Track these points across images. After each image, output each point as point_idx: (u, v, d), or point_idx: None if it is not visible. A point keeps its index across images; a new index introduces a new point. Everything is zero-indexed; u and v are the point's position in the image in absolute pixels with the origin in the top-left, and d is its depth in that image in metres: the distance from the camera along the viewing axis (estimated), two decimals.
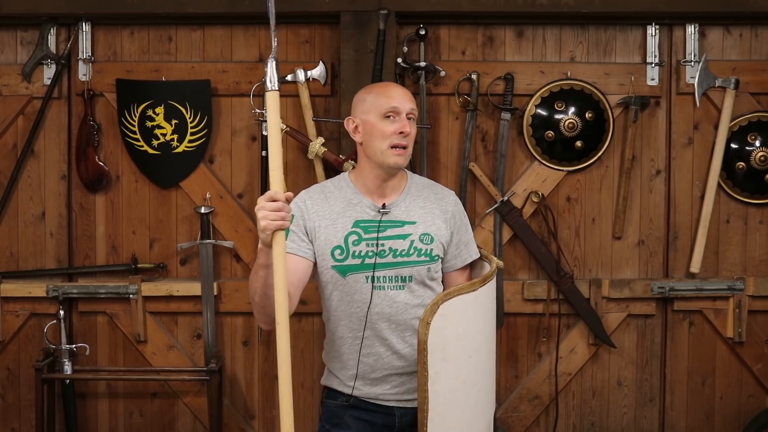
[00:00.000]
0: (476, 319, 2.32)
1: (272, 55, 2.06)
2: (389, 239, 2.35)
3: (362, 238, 2.34)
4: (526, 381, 3.77)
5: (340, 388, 2.44)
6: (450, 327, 2.21)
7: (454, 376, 2.24)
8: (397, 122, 2.33)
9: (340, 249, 2.34)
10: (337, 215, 2.37)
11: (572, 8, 3.55)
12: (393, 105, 2.33)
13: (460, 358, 2.26)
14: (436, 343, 2.18)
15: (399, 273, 2.35)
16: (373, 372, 2.38)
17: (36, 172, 3.75)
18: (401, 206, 2.40)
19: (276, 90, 2.04)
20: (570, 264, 3.74)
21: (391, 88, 2.41)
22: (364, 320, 2.35)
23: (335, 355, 2.44)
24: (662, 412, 3.80)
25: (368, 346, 2.37)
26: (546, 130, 3.68)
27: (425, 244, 2.37)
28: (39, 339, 3.69)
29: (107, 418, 3.79)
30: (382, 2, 3.51)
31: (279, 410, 2.06)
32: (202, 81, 3.67)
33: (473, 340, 2.31)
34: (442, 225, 2.42)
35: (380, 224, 2.36)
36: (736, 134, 3.70)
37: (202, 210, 3.66)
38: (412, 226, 2.38)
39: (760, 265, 3.77)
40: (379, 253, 2.33)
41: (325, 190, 2.43)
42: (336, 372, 2.45)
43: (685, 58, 3.68)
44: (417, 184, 2.48)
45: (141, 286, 3.66)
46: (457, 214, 2.47)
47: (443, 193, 2.50)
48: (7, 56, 3.73)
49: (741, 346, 3.74)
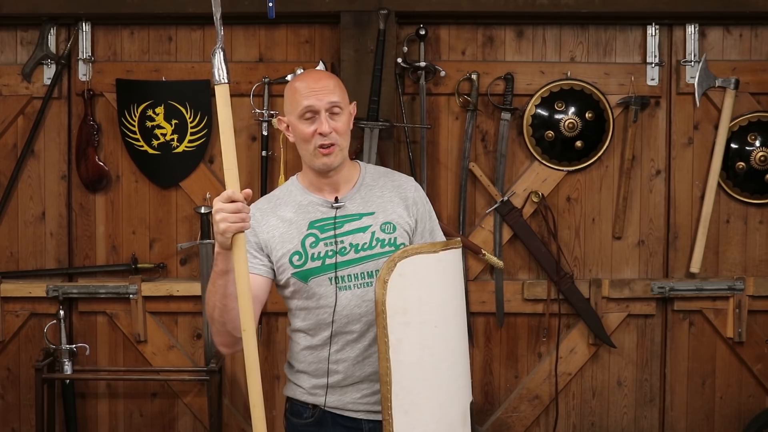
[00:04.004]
0: (440, 285, 2.12)
1: (218, 46, 1.94)
2: (348, 234, 2.16)
3: (319, 239, 2.16)
4: (526, 381, 3.77)
5: (303, 398, 2.23)
6: (411, 289, 2.03)
7: (419, 346, 2.04)
8: (316, 123, 2.12)
9: (298, 254, 2.15)
10: (290, 222, 2.18)
11: (572, 8, 3.55)
12: (305, 104, 2.12)
13: (425, 326, 2.05)
14: (396, 306, 1.99)
15: (364, 268, 2.15)
16: (344, 379, 2.18)
17: (36, 172, 3.75)
18: (356, 198, 2.21)
19: (225, 83, 1.92)
20: (570, 264, 3.74)
21: (308, 81, 2.16)
22: (331, 326, 2.15)
23: (303, 367, 2.23)
24: (662, 412, 3.80)
25: (338, 351, 2.17)
26: (546, 130, 3.68)
27: (387, 234, 2.18)
28: (39, 339, 3.68)
29: (107, 418, 3.79)
30: (382, 2, 3.51)
31: (252, 421, 2.00)
32: (202, 81, 3.67)
33: (439, 310, 2.10)
34: (404, 212, 2.22)
35: (336, 220, 2.17)
36: (736, 134, 3.70)
37: (202, 210, 3.66)
38: (371, 217, 2.19)
39: (760, 265, 3.77)
40: (339, 251, 2.15)
41: (273, 199, 2.26)
42: (301, 383, 2.23)
43: (685, 58, 3.68)
44: (371, 173, 2.29)
45: (141, 286, 3.66)
46: (419, 200, 2.27)
47: (401, 180, 2.30)
48: (7, 56, 3.73)
49: (741, 346, 3.74)
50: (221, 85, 1.92)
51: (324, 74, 2.28)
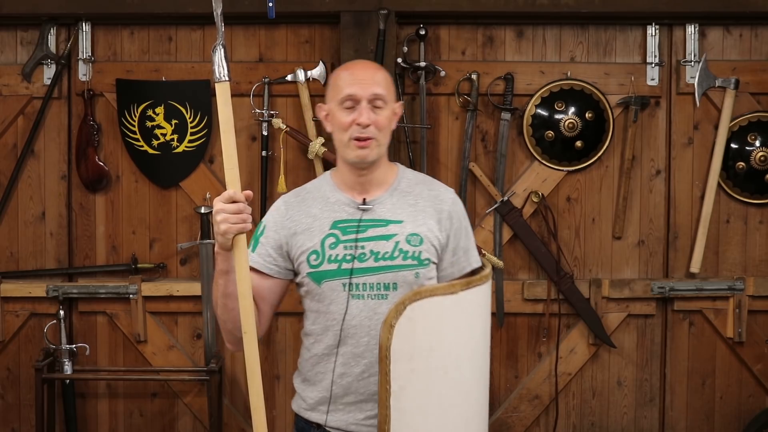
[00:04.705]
0: (456, 329, 1.97)
1: (219, 43, 1.87)
2: (370, 240, 2.04)
3: (340, 240, 2.04)
4: (526, 381, 3.77)
5: (307, 415, 2.12)
6: (421, 334, 1.89)
7: (424, 394, 1.89)
8: (355, 112, 2.02)
9: (316, 254, 2.05)
10: (314, 218, 2.08)
11: (572, 8, 3.55)
12: (348, 92, 2.02)
13: (434, 373, 1.91)
14: (401, 351, 1.85)
15: (381, 279, 2.02)
16: (346, 395, 2.06)
17: (36, 172, 3.75)
18: (386, 203, 2.09)
19: (226, 81, 1.86)
20: (570, 264, 3.74)
21: (354, 69, 2.08)
22: (339, 335, 2.04)
23: (307, 376, 2.14)
24: (662, 412, 3.80)
25: (343, 364, 2.05)
26: (546, 130, 3.67)
27: (413, 246, 2.04)
28: (39, 339, 3.68)
29: (107, 418, 3.79)
30: (382, 2, 3.51)
31: (253, 422, 1.98)
32: (202, 81, 3.67)
33: (452, 355, 1.95)
34: (435, 226, 2.08)
35: (360, 223, 2.05)
36: (736, 134, 3.70)
37: (202, 210, 3.66)
38: (398, 226, 2.05)
39: (760, 265, 3.76)
40: (358, 257, 2.02)
41: (302, 193, 2.16)
42: (306, 395, 2.13)
43: (685, 58, 3.68)
44: (409, 179, 2.15)
45: (141, 286, 3.66)
46: (455, 215, 2.12)
47: (439, 190, 2.15)
48: (7, 56, 3.73)
49: (741, 346, 3.74)
50: (222, 83, 1.87)
51: (372, 65, 2.15)
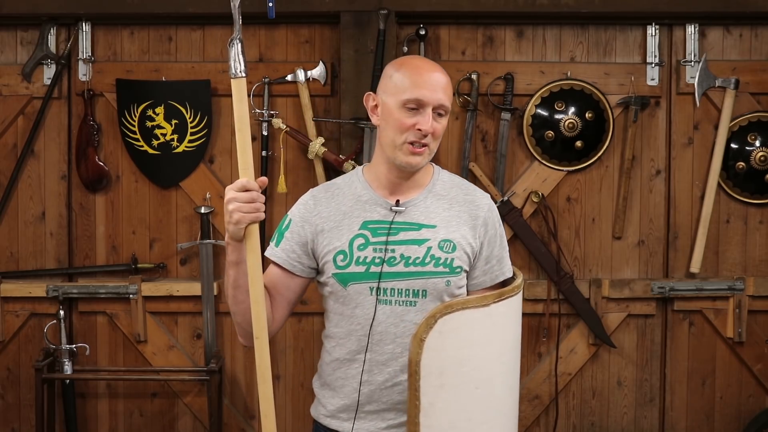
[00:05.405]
0: (488, 342, 1.93)
1: (236, 36, 1.80)
2: (401, 244, 1.97)
3: (369, 242, 1.97)
4: (526, 381, 3.77)
5: (326, 422, 2.06)
6: (451, 348, 1.85)
7: (454, 410, 1.86)
8: (418, 116, 1.93)
9: (343, 254, 1.98)
10: (343, 215, 2.01)
11: (572, 8, 3.55)
12: (417, 96, 1.92)
13: (464, 388, 1.87)
14: (431, 366, 1.82)
15: (410, 286, 1.96)
16: (369, 403, 2.00)
17: (36, 172, 3.75)
18: (420, 206, 2.01)
19: (243, 77, 1.81)
20: (570, 264, 3.74)
21: (423, 71, 1.96)
22: (365, 340, 1.97)
23: (327, 380, 2.07)
24: (662, 412, 3.80)
25: (367, 372, 1.99)
26: (546, 130, 3.68)
27: (445, 253, 1.97)
28: (39, 339, 3.68)
29: (107, 418, 3.79)
30: (382, 2, 3.51)
31: (261, 425, 1.95)
32: (202, 81, 3.67)
33: (482, 370, 1.91)
34: (469, 232, 2.01)
35: (392, 225, 1.98)
36: (736, 134, 3.70)
37: (202, 210, 3.66)
38: (431, 231, 1.98)
39: (760, 265, 3.77)
40: (387, 261, 1.95)
41: (332, 188, 2.07)
42: (326, 401, 2.07)
43: (685, 58, 3.68)
44: (444, 181, 2.07)
45: (141, 286, 3.66)
46: (490, 222, 2.05)
47: (475, 195, 2.08)
48: (7, 56, 3.73)
49: (741, 346, 3.74)
50: (238, 79, 1.82)
51: (437, 67, 2.02)
